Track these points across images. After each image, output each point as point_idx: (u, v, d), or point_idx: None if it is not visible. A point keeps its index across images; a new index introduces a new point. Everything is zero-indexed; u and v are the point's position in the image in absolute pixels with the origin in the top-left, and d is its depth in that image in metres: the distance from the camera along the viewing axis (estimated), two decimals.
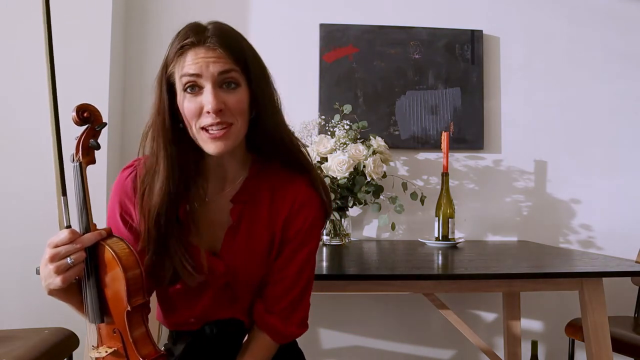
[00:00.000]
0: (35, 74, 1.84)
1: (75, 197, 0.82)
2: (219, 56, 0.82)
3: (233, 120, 0.84)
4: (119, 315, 0.82)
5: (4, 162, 1.82)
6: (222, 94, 0.83)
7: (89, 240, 0.79)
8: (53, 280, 0.78)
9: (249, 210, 0.94)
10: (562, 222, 2.19)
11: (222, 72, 0.82)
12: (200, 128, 0.84)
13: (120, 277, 0.80)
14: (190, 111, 0.84)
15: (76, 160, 0.83)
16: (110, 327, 0.84)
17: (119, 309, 0.81)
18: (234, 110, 0.84)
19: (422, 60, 2.14)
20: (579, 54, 2.22)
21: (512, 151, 2.19)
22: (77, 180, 0.82)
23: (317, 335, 2.10)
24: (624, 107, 2.23)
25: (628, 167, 2.22)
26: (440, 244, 1.89)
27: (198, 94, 0.83)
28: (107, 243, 0.81)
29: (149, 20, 2.07)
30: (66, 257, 0.77)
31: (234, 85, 0.84)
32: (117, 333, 0.83)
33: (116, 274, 0.80)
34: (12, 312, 1.80)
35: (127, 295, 0.80)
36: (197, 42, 0.82)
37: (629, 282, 1.99)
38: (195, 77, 0.82)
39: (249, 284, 0.96)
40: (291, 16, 2.14)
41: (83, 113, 0.84)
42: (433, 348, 2.14)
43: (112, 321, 0.83)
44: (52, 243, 0.78)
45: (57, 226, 1.81)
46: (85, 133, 0.85)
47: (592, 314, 1.38)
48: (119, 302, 0.81)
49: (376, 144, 1.89)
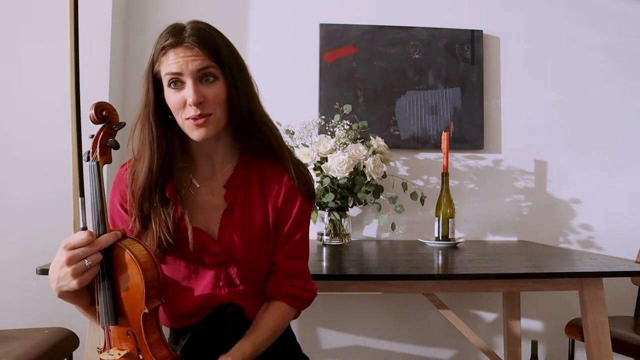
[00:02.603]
0: (35, 74, 1.85)
1: (92, 197, 0.82)
2: (197, 54, 0.90)
3: (212, 111, 0.92)
4: (135, 317, 0.81)
5: (3, 164, 1.82)
6: (201, 88, 0.91)
7: (106, 242, 0.80)
8: (68, 282, 0.78)
9: (242, 194, 1.01)
10: (562, 222, 2.19)
11: (200, 69, 0.90)
12: (184, 119, 0.93)
13: (138, 279, 0.79)
14: (174, 104, 0.92)
15: (93, 159, 0.83)
16: (124, 329, 0.83)
17: (135, 311, 0.81)
18: (213, 101, 0.92)
19: (422, 60, 2.14)
20: (579, 54, 2.22)
21: (512, 151, 2.19)
22: (94, 181, 0.82)
23: (317, 335, 2.10)
24: (624, 107, 2.23)
25: (628, 167, 2.22)
26: (440, 244, 1.89)
27: (181, 89, 0.92)
28: (123, 244, 0.81)
29: (149, 21, 2.07)
30: (84, 260, 0.77)
31: (212, 79, 0.92)
32: (131, 335, 0.82)
33: (134, 276, 0.80)
34: (12, 312, 1.80)
35: (145, 298, 0.79)
36: (176, 42, 0.90)
37: (629, 282, 1.99)
38: (177, 75, 0.91)
39: (245, 264, 0.99)
40: (291, 16, 2.14)
41: (102, 111, 0.85)
42: (433, 348, 2.14)
43: (127, 323, 0.82)
44: (68, 245, 0.78)
45: (56, 226, 1.82)
46: (102, 132, 0.85)
47: (592, 314, 1.38)
48: (135, 304, 0.81)
49: (376, 144, 1.89)
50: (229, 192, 1.00)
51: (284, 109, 1.87)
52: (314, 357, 1.14)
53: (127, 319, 0.82)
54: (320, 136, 1.88)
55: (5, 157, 1.83)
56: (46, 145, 1.83)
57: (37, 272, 1.23)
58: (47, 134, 1.82)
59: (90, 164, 0.83)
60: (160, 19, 2.06)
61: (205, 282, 0.98)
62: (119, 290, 0.82)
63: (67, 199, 1.83)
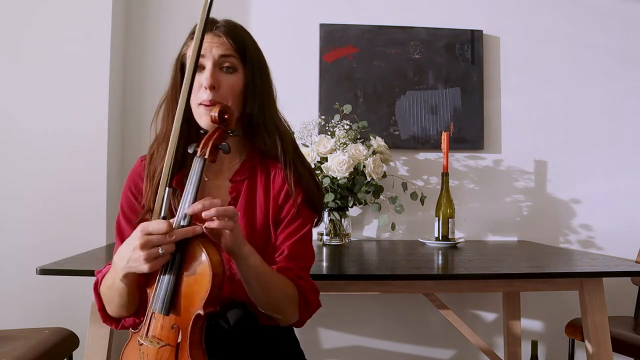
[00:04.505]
0: (33, 75, 1.85)
1: (187, 189, 0.85)
2: (222, 42, 0.95)
3: (224, 101, 0.94)
4: (188, 315, 0.81)
5: (4, 162, 1.82)
6: (219, 74, 0.94)
7: (182, 235, 0.81)
8: (139, 265, 0.80)
9: (246, 189, 1.01)
10: (562, 222, 2.19)
11: (222, 56, 0.94)
12: (197, 104, 0.94)
13: (206, 280, 0.79)
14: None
15: (200, 154, 0.86)
16: (171, 321, 0.82)
17: (191, 309, 0.81)
18: (227, 91, 0.95)
19: (422, 60, 2.14)
20: (579, 54, 2.22)
21: (512, 151, 2.19)
22: (195, 175, 0.85)
23: (317, 335, 2.10)
24: (624, 107, 2.23)
25: (628, 167, 2.22)
26: (440, 244, 1.89)
27: (201, 72, 0.94)
28: (201, 243, 0.81)
29: (149, 21, 2.07)
30: (158, 247, 0.79)
31: (232, 70, 0.96)
32: (176, 330, 0.82)
33: (203, 276, 0.80)
34: (12, 312, 1.79)
35: (206, 300, 0.79)
36: (207, 29, 0.92)
37: (629, 282, 1.99)
38: (200, 56, 0.91)
39: None
40: (291, 16, 2.14)
41: (224, 114, 0.89)
42: (433, 348, 2.14)
43: (177, 317, 0.82)
44: (145, 230, 0.79)
45: (57, 226, 1.82)
46: (217, 133, 0.88)
47: (592, 314, 1.38)
48: (193, 303, 0.81)
49: (376, 144, 1.89)
50: (233, 186, 1.01)
51: (283, 109, 1.85)
52: (314, 357, 1.14)
53: (180, 314, 0.82)
54: (320, 136, 1.88)
55: (5, 157, 1.83)
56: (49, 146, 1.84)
57: (37, 272, 1.23)
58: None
59: (198, 159, 0.86)
60: (160, 19, 2.06)
61: None
62: (181, 284, 0.82)
63: (67, 199, 1.84)
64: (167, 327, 0.83)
